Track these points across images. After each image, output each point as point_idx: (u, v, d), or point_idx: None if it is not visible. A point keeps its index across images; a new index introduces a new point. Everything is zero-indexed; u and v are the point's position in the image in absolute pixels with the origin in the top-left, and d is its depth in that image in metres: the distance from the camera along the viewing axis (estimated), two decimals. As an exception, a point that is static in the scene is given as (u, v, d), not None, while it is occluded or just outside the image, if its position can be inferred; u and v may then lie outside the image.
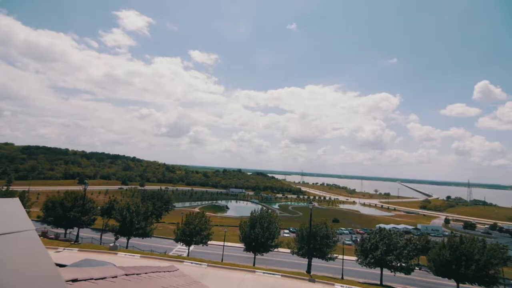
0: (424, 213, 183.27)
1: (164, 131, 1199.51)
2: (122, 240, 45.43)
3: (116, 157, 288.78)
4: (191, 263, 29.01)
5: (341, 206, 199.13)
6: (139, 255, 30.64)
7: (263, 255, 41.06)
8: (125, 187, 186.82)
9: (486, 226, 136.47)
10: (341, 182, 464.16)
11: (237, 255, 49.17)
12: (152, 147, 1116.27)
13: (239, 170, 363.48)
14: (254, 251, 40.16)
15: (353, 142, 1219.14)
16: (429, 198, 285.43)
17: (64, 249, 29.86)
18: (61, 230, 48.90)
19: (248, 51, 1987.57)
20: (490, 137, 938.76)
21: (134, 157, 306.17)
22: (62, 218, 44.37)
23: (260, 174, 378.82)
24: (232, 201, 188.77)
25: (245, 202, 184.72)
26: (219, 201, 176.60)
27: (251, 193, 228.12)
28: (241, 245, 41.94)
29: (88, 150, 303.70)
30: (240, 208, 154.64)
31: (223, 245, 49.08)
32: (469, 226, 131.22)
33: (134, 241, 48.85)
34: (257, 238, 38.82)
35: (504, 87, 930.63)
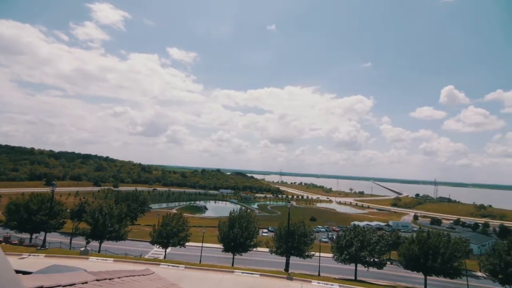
0: (395, 210, 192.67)
1: (140, 129, 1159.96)
2: (94, 244, 43.38)
3: (87, 156, 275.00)
4: (168, 265, 28.34)
5: (318, 205, 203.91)
6: (112, 259, 29.41)
7: (242, 255, 41.06)
8: (97, 188, 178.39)
9: (450, 221, 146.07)
10: (318, 182, 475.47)
11: (216, 256, 48.74)
12: (127, 146, 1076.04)
13: (218, 170, 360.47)
14: (233, 251, 40.05)
15: (330, 142, 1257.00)
16: (400, 196, 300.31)
17: (29, 255, 27.94)
18: (26, 235, 45.68)
19: (228, 51, 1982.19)
20: (454, 139, 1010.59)
21: (107, 157, 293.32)
22: (27, 222, 41.53)
23: (239, 174, 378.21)
24: (211, 201, 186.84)
25: (224, 202, 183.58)
26: (198, 202, 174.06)
27: (230, 191, 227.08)
28: (220, 245, 41.66)
29: (57, 149, 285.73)
30: (219, 209, 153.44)
31: (201, 246, 48.45)
32: (436, 221, 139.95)
33: (107, 244, 46.81)
34: (236, 238, 38.76)
35: (467, 92, 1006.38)
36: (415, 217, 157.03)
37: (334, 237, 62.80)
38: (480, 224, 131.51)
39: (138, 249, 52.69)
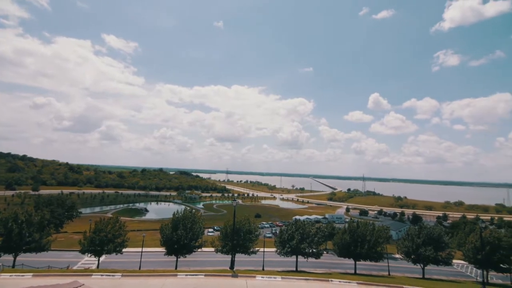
0: (331, 204, 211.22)
1: (67, 124, 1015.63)
2: (8, 258, 36.82)
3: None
4: (102, 275, 25.83)
5: (263, 202, 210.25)
6: (31, 273, 25.45)
7: (186, 257, 39.87)
8: (11, 192, 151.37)
9: (375, 212, 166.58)
10: (263, 179, 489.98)
11: (158, 260, 46.29)
12: (51, 144, 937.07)
13: (161, 170, 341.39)
14: (177, 254, 38.62)
15: (274, 141, 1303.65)
16: (335, 191, 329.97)
17: None
18: None
19: (173, 44, 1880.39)
20: (379, 140, 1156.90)
21: (24, 156, 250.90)
22: None
23: (184, 173, 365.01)
24: (152, 203, 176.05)
25: (167, 204, 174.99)
26: (137, 204, 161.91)
27: (174, 193, 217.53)
28: (162, 249, 39.69)
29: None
30: (161, 210, 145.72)
31: (141, 251, 45.42)
32: (363, 213, 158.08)
33: (25, 257, 40.30)
34: (180, 240, 37.45)
35: (389, 100, 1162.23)
36: (347, 210, 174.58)
37: (277, 232, 65.65)
38: (397, 213, 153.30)
39: (64, 260, 46.69)
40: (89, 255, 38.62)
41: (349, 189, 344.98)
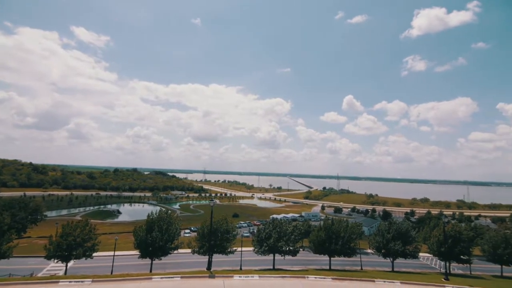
0: (307, 202, 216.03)
1: (31, 121, 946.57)
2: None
3: None
4: (70, 281, 24.47)
5: (241, 201, 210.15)
6: (-11, 284, 23.50)
7: (161, 259, 38.82)
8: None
9: (348, 209, 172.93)
10: (241, 179, 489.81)
11: (132, 264, 44.67)
12: (11, 142, 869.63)
13: (135, 170, 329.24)
14: (152, 256, 37.49)
15: (252, 141, 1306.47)
16: (311, 190, 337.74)
17: None
18: None
19: (149, 40, 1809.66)
20: (352, 140, 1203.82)
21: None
22: None
23: (160, 173, 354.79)
24: (125, 204, 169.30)
25: (141, 205, 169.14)
26: (109, 206, 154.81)
27: (148, 194, 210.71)
28: (136, 252, 38.33)
29: None
30: (135, 212, 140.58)
31: (113, 255, 43.55)
32: (338, 210, 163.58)
33: (-20, 266, 37.05)
34: (155, 242, 36.39)
35: (362, 102, 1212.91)
36: (323, 207, 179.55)
37: (255, 231, 66.00)
38: (369, 210, 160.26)
39: (28, 267, 43.59)
40: (55, 261, 36.34)
41: (324, 188, 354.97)
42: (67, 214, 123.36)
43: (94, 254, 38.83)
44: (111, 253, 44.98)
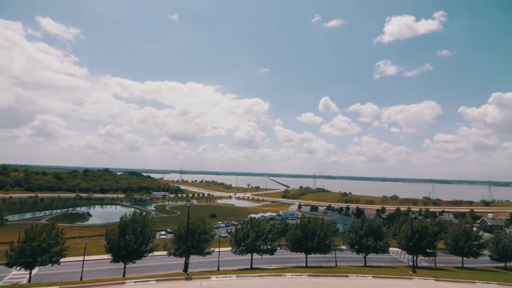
0: (284, 201, 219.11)
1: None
2: None
3: None
4: (35, 290, 22.94)
5: (219, 201, 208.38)
6: None
7: (135, 262, 37.51)
8: None
9: (324, 207, 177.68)
10: (219, 179, 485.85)
11: (104, 269, 42.73)
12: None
13: (107, 170, 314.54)
14: (125, 260, 36.10)
15: (230, 140, 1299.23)
16: (288, 189, 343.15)
17: None
18: None
19: (123, 34, 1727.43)
20: (328, 140, 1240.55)
21: None
22: None
23: (134, 173, 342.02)
24: (96, 206, 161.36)
25: (114, 207, 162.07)
26: (78, 208, 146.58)
27: (121, 195, 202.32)
28: (108, 256, 36.72)
29: None
30: (107, 214, 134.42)
31: (83, 260, 41.38)
32: (314, 208, 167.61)
33: None
34: (129, 245, 35.09)
35: (337, 103, 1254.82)
36: (299, 206, 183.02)
37: (233, 231, 65.84)
38: (343, 208, 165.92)
39: (-16, 277, 40.10)
40: (17, 268, 33.81)
41: (301, 187, 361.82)
42: (31, 218, 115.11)
43: (62, 260, 36.67)
44: (81, 258, 42.70)
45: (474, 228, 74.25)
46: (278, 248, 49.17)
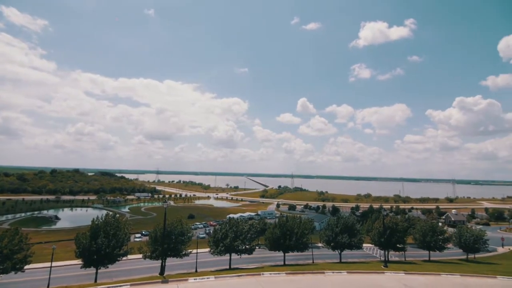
0: (263, 201, 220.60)
1: None
2: None
3: None
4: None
5: (197, 202, 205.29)
6: None
7: (108, 267, 35.95)
8: None
9: (302, 206, 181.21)
10: (197, 179, 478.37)
11: (73, 275, 40.60)
12: None
13: (77, 170, 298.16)
14: (97, 265, 34.48)
15: (209, 140, 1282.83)
16: (267, 188, 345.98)
17: None
18: None
19: (96, 27, 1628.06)
20: (306, 140, 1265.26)
21: None
22: None
23: (106, 174, 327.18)
24: (65, 209, 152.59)
25: (85, 209, 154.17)
26: (45, 211, 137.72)
27: (93, 197, 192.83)
28: (79, 261, 34.89)
29: None
30: (77, 217, 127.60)
31: (50, 266, 38.96)
32: (292, 207, 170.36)
33: None
34: (101, 249, 33.56)
35: (315, 104, 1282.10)
36: (278, 205, 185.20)
37: (211, 231, 65.19)
38: (320, 206, 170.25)
39: None
40: (-26, 278, 31.14)
41: (279, 186, 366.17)
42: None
43: (27, 267, 34.22)
44: (48, 264, 40.18)
45: (440, 224, 79.53)
46: (257, 247, 49.42)
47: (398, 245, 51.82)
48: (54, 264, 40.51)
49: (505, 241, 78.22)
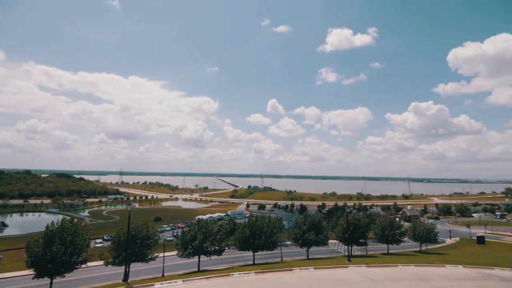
0: (233, 201, 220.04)
1: None
2: None
3: None
4: None
5: (164, 203, 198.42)
6: None
7: (64, 276, 33.26)
8: None
9: (271, 205, 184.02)
10: (164, 180, 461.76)
11: (23, 287, 36.92)
12: None
13: (28, 171, 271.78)
14: (51, 275, 31.71)
15: (177, 140, 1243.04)
16: (237, 189, 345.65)
17: None
18: None
19: (52, 16, 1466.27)
20: (275, 141, 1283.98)
21: None
22: None
23: (63, 175, 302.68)
24: (14, 214, 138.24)
25: (37, 214, 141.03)
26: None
27: (47, 201, 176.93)
28: (30, 271, 31.82)
29: None
30: (29, 223, 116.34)
31: (-5, 279, 35.09)
32: (262, 207, 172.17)
33: None
34: (56, 257, 30.92)
35: (284, 106, 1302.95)
36: (248, 205, 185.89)
37: (179, 234, 63.45)
38: (289, 205, 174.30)
39: None
40: None
41: (249, 186, 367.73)
42: None
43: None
44: (-8, 277, 36.16)
45: (397, 219, 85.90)
46: (227, 248, 49.20)
47: (360, 240, 54.86)
48: (0, 276, 36.58)
49: (452, 233, 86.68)
